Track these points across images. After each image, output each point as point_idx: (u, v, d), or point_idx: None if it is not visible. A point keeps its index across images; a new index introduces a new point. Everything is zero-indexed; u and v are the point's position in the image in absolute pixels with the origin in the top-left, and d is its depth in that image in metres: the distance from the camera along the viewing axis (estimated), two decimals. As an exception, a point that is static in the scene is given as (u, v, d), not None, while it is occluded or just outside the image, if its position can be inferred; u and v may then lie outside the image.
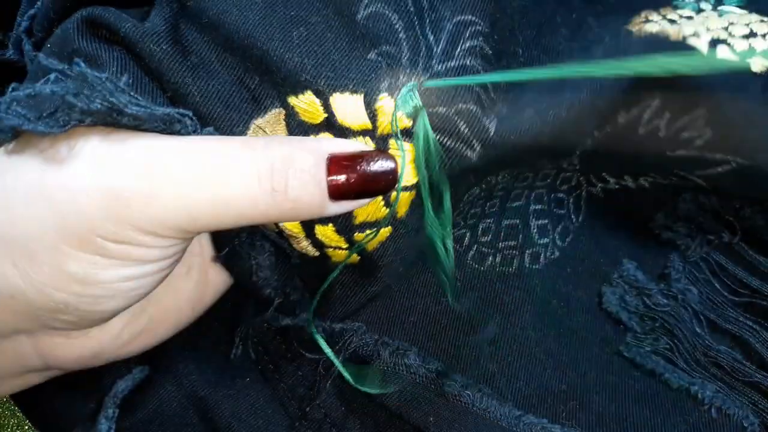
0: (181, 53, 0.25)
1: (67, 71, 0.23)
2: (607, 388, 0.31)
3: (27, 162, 0.23)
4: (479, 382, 0.31)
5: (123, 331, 0.28)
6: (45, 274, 0.22)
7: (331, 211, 0.24)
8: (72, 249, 0.22)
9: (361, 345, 0.31)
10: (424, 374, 0.31)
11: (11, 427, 0.34)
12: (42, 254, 0.22)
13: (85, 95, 0.22)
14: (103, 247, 0.22)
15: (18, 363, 0.27)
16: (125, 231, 0.22)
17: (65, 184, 0.22)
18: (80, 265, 0.22)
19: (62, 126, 0.22)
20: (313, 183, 0.23)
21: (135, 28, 0.25)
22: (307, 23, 0.25)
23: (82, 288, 0.23)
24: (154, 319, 0.29)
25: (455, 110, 0.25)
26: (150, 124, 0.23)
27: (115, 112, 0.22)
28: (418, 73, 0.25)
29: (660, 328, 0.31)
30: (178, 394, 0.30)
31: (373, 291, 0.31)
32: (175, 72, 0.25)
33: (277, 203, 0.23)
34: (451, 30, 0.26)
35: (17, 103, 0.22)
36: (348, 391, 0.30)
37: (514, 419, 0.29)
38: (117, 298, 0.24)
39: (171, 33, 0.25)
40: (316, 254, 0.29)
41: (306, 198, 0.23)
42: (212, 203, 0.22)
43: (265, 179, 0.22)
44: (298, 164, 0.23)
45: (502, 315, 0.33)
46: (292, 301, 0.30)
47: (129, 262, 0.23)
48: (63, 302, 0.23)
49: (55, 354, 0.27)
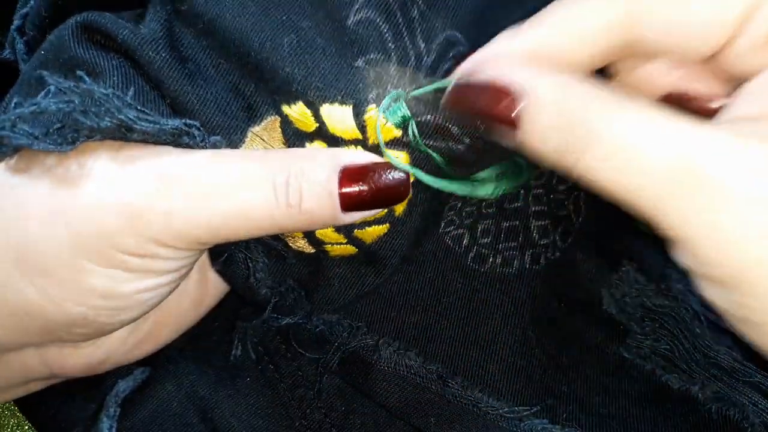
0: (179, 60, 0.25)
1: (73, 89, 0.23)
2: (607, 389, 0.31)
3: (35, 180, 0.23)
4: (480, 382, 0.31)
5: (128, 337, 0.28)
6: (64, 290, 0.23)
7: (343, 220, 0.24)
8: (93, 265, 0.22)
9: (361, 345, 0.31)
10: (424, 375, 0.31)
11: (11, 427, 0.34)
12: (60, 271, 0.22)
13: (93, 113, 0.22)
14: (124, 261, 0.23)
15: (23, 373, 0.27)
16: (145, 245, 0.22)
17: (80, 204, 0.22)
18: (101, 280, 0.23)
19: (71, 143, 0.22)
20: (325, 195, 0.23)
21: (133, 35, 0.25)
22: (298, 29, 0.25)
23: (103, 301, 0.23)
24: (158, 323, 0.29)
25: (444, 116, 0.25)
26: (159, 138, 0.23)
27: (125, 129, 0.22)
28: (405, 84, 0.25)
29: (660, 329, 0.31)
30: (178, 394, 0.30)
31: (370, 283, 0.31)
32: (174, 80, 0.25)
33: (292, 215, 0.23)
34: (441, 43, 0.26)
35: (22, 120, 0.22)
36: (348, 391, 0.30)
37: (514, 420, 0.29)
38: (135, 309, 0.25)
39: (168, 39, 0.25)
40: (312, 251, 0.29)
41: (318, 210, 0.23)
42: (230, 216, 0.22)
43: (281, 192, 0.23)
44: (312, 177, 0.23)
45: (503, 316, 0.33)
46: (289, 300, 0.30)
47: (148, 274, 0.23)
48: (81, 316, 0.23)
49: (61, 364, 0.27)
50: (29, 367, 0.27)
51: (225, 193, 0.22)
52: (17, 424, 0.34)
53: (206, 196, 0.22)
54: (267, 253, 0.29)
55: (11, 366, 0.27)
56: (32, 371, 0.27)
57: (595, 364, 0.31)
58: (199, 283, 0.30)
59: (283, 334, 0.31)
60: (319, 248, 0.29)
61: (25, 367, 0.27)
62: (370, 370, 0.31)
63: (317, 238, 0.28)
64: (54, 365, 0.27)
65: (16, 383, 0.28)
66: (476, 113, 0.23)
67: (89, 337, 0.26)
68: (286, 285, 0.30)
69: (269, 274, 0.29)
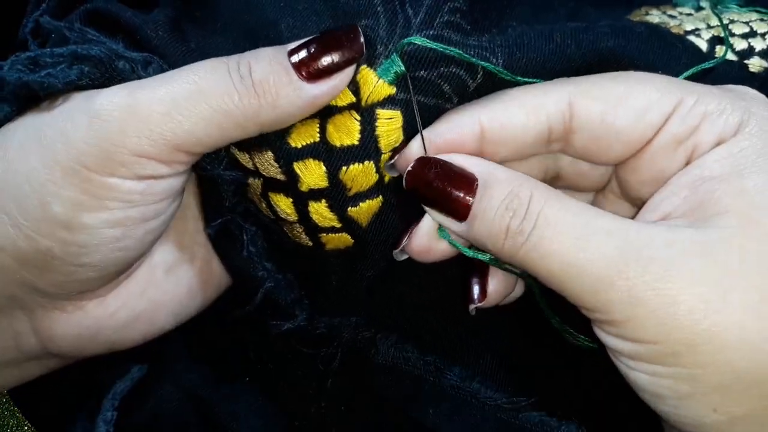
0: (180, 40, 0.26)
1: (64, 30, 0.25)
2: (603, 380, 0.31)
3: (26, 118, 0.25)
4: (478, 373, 0.31)
5: (120, 310, 0.28)
6: (31, 218, 0.23)
7: (310, 93, 0.24)
8: (56, 187, 0.23)
9: (359, 339, 0.31)
10: (422, 367, 0.31)
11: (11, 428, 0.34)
12: (29, 197, 0.23)
13: (85, 47, 0.24)
14: (88, 180, 0.23)
15: (15, 343, 0.27)
16: (112, 156, 0.23)
17: (54, 121, 0.24)
18: (64, 205, 0.23)
19: (61, 80, 0.24)
20: (275, 64, 0.24)
21: (135, 16, 0.26)
22: (294, 12, 0.26)
23: (67, 233, 0.24)
24: (154, 302, 0.29)
25: (437, 73, 0.26)
26: (145, 71, 0.25)
27: (114, 57, 0.24)
28: (395, 42, 0.26)
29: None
30: (177, 394, 0.30)
31: (368, 276, 0.31)
32: (173, 58, 0.26)
33: (249, 91, 0.24)
34: (429, 4, 0.26)
35: (19, 63, 0.24)
36: (348, 391, 0.30)
37: (512, 411, 0.30)
38: (101, 249, 0.25)
39: (170, 23, 0.27)
40: (310, 243, 0.29)
41: (272, 78, 0.24)
42: (191, 101, 0.23)
43: (234, 70, 0.24)
44: (260, 54, 0.25)
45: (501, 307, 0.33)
46: (289, 302, 0.30)
47: (113, 203, 0.24)
48: (48, 250, 0.24)
49: (51, 332, 0.27)
50: (20, 334, 0.27)
51: (184, 84, 0.23)
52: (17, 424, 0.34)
53: (166, 88, 0.23)
54: (266, 237, 0.29)
55: (3, 332, 0.27)
56: (24, 341, 0.27)
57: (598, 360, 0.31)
58: (202, 271, 0.30)
59: (283, 333, 0.31)
60: (315, 237, 0.28)
61: (16, 334, 0.27)
62: (369, 363, 0.31)
63: (312, 220, 0.28)
64: (43, 333, 0.27)
65: (10, 357, 0.28)
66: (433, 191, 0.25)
67: (66, 290, 0.26)
68: (286, 277, 0.30)
69: (269, 259, 0.29)
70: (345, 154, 0.26)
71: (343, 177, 0.27)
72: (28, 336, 0.27)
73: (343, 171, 0.26)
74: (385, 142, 0.26)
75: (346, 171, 0.26)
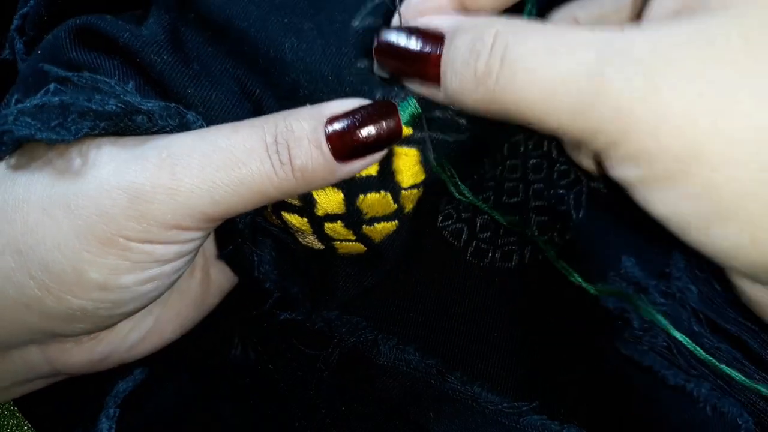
0: (182, 62, 0.25)
1: (73, 79, 0.23)
2: (604, 384, 0.31)
3: (37, 173, 0.23)
4: (479, 377, 0.31)
5: (130, 333, 0.28)
6: (64, 283, 0.23)
7: (342, 172, 0.24)
8: (93, 256, 0.22)
9: (361, 340, 0.31)
10: (423, 370, 0.31)
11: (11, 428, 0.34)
12: (61, 263, 0.22)
13: (97, 99, 0.22)
14: (127, 248, 0.22)
15: (26, 371, 0.27)
16: (150, 228, 0.22)
17: (81, 189, 0.22)
18: (101, 272, 0.23)
19: (74, 134, 0.22)
20: (314, 147, 0.23)
21: (134, 38, 0.25)
22: (299, 31, 0.25)
23: (103, 294, 0.23)
24: (160, 319, 0.29)
25: (453, 111, 0.26)
26: (164, 121, 0.23)
27: (131, 112, 0.22)
28: None
29: (657, 326, 0.31)
30: (177, 395, 0.30)
31: (372, 279, 0.31)
32: (177, 82, 0.25)
33: (287, 174, 0.23)
34: None
35: (24, 114, 0.22)
36: (348, 391, 0.30)
37: (513, 416, 0.30)
38: (135, 301, 0.24)
39: (171, 41, 0.25)
40: (322, 247, 0.29)
41: (311, 164, 0.23)
42: (230, 183, 0.22)
43: (273, 151, 0.23)
44: (297, 132, 0.23)
45: (501, 310, 0.33)
46: (292, 295, 0.30)
47: (150, 264, 0.23)
48: (81, 309, 0.23)
49: (64, 360, 0.27)
50: (32, 364, 0.27)
51: (223, 164, 0.22)
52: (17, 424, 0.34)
53: (207, 170, 0.22)
54: (276, 246, 0.29)
55: (15, 363, 0.26)
56: (35, 368, 0.27)
57: (593, 359, 0.32)
58: (202, 281, 0.30)
59: (283, 333, 0.31)
60: (328, 244, 0.28)
61: (29, 364, 0.27)
62: (370, 365, 0.31)
63: (326, 233, 0.28)
64: (56, 362, 0.27)
65: (20, 381, 0.28)
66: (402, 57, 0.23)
67: (89, 332, 0.26)
68: (291, 280, 0.30)
69: (276, 267, 0.29)
70: (363, 184, 0.26)
71: (360, 204, 0.27)
72: (40, 363, 0.27)
73: (361, 199, 0.26)
74: (401, 176, 0.26)
75: (363, 199, 0.26)
